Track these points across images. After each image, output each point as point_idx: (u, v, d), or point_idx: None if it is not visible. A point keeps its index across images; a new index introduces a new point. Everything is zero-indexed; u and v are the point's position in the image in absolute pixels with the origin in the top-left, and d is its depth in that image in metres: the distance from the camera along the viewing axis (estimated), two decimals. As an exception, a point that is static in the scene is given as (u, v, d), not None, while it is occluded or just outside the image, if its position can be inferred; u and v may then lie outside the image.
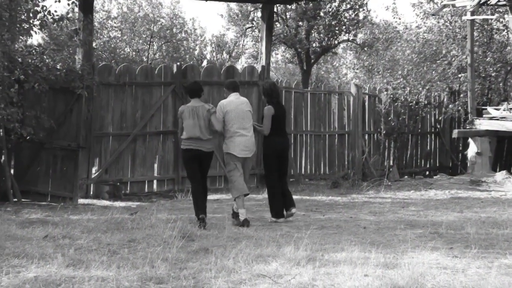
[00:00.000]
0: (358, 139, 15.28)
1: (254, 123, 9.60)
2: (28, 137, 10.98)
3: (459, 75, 16.93)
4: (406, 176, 15.98)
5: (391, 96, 16.06)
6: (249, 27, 30.12)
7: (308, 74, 29.47)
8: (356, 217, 9.40)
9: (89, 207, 10.41)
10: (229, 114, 9.07)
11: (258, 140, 11.83)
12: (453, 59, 17.29)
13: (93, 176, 12.20)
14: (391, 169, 15.59)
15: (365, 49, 28.48)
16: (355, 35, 29.69)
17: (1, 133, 10.84)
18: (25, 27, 10.76)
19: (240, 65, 33.34)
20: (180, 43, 33.49)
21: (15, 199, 10.99)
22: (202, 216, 8.47)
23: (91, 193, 12.21)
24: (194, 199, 8.85)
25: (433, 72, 17.46)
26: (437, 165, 17.03)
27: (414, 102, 16.25)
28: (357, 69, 29.68)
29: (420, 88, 16.54)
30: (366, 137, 15.83)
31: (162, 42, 32.93)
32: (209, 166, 9.17)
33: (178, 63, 13.87)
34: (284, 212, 9.27)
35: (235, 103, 9.17)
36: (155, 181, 12.97)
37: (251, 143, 9.21)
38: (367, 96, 15.98)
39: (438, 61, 17.78)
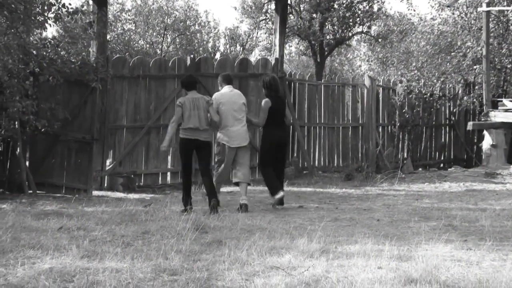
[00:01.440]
0: (372, 132, 15.23)
1: (249, 116, 10.06)
2: (43, 130, 11.04)
3: (474, 67, 16.80)
4: (420, 169, 15.91)
5: (406, 88, 15.98)
6: (262, 20, 30.05)
7: (321, 66, 29.37)
8: (369, 210, 9.38)
9: (103, 199, 10.46)
10: (223, 106, 9.59)
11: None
12: (468, 50, 17.16)
13: (107, 168, 12.26)
14: (405, 162, 15.53)
15: (379, 41, 28.34)
16: (369, 27, 29.51)
17: (17, 125, 10.91)
18: (40, 20, 10.79)
19: (254, 57, 33.32)
20: (193, 35, 33.52)
21: (30, 191, 11.06)
22: (191, 207, 9.07)
23: (105, 185, 12.27)
24: (184, 190, 9.34)
25: (448, 64, 17.34)
26: (452, 157, 16.95)
27: (428, 94, 16.16)
28: (371, 61, 29.55)
29: (435, 80, 16.44)
30: (380, 129, 15.78)
31: (176, 35, 32.97)
32: (208, 156, 9.60)
33: (192, 56, 13.88)
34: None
35: (228, 95, 9.70)
36: (168, 173, 13.01)
37: (243, 133, 9.71)
38: (381, 88, 15.91)
39: (453, 53, 17.65)
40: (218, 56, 32.58)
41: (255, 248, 6.12)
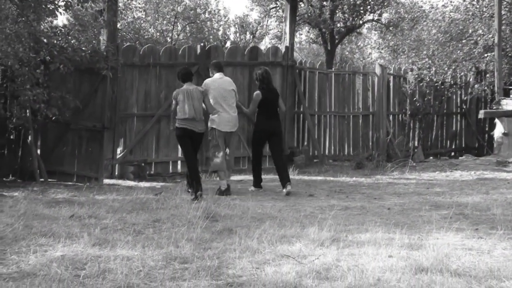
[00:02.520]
0: (383, 120, 15.18)
1: (240, 104, 10.68)
2: (54, 118, 11.08)
3: (486, 55, 16.69)
4: (431, 157, 15.86)
5: (417, 76, 15.90)
6: (273, 8, 29.95)
7: (332, 54, 29.26)
8: (380, 198, 9.37)
9: (114, 187, 10.50)
10: (213, 92, 10.02)
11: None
12: (480, 38, 17.03)
13: (118, 156, 12.29)
14: (416, 150, 15.48)
15: (390, 29, 28.18)
16: (380, 15, 29.35)
17: (28, 114, 10.95)
18: (50, 8, 10.79)
19: (264, 45, 33.22)
20: (203, 23, 33.45)
21: (42, 179, 11.11)
22: (200, 193, 9.15)
23: (116, 173, 12.31)
24: (192, 176, 9.55)
25: (459, 52, 17.23)
26: (463, 146, 16.87)
27: (439, 82, 16.07)
28: (382, 49, 29.39)
29: (446, 68, 16.35)
30: (391, 117, 15.73)
31: (186, 23, 32.91)
32: (199, 144, 10.05)
33: (202, 44, 13.85)
34: (284, 190, 10.01)
35: (218, 82, 10.16)
36: (179, 162, 13.02)
37: (234, 119, 10.16)
38: (392, 77, 15.84)
39: (464, 41, 17.54)
40: (228, 44, 32.51)
41: (265, 237, 6.13)
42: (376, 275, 4.89)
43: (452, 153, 16.70)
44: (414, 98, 15.77)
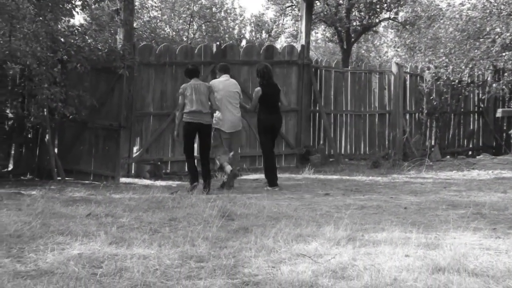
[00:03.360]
0: (399, 119, 15.12)
1: (243, 104, 10.96)
2: (71, 117, 11.16)
3: (504, 53, 16.53)
4: (448, 156, 15.76)
5: (433, 75, 15.80)
6: (288, 6, 29.86)
7: (348, 53, 29.13)
8: (396, 197, 9.32)
9: (130, 186, 10.54)
10: (219, 93, 10.38)
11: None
12: (497, 36, 16.88)
13: (134, 155, 12.35)
14: (432, 149, 15.40)
15: (407, 27, 28.01)
16: (396, 13, 29.15)
17: (45, 113, 11.03)
18: (68, 8, 10.88)
19: (280, 44, 33.16)
20: (219, 22, 33.45)
21: (59, 178, 11.19)
22: (196, 184, 9.93)
23: (133, 172, 12.37)
24: (190, 171, 10.21)
25: (476, 50, 17.08)
26: (480, 145, 16.76)
27: (456, 81, 15.97)
28: (398, 47, 29.23)
29: (463, 67, 16.24)
30: (407, 116, 15.66)
31: (202, 22, 32.94)
32: (209, 137, 10.27)
33: (218, 43, 13.88)
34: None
35: (224, 83, 10.51)
36: (195, 161, 13.03)
37: (238, 120, 10.59)
38: (408, 75, 15.77)
39: (481, 39, 17.39)
40: (244, 43, 32.51)
41: (281, 236, 6.12)
42: (392, 274, 4.86)
43: (470, 152, 16.59)
44: (431, 97, 15.68)
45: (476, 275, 4.88)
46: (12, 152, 11.62)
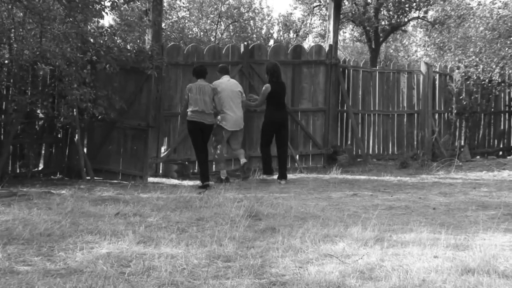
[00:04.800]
0: (428, 119, 14.98)
1: (247, 102, 11.65)
2: (100, 117, 11.25)
3: (535, 52, 16.30)
4: (478, 157, 15.57)
5: (463, 74, 15.63)
6: (316, 6, 29.78)
7: (376, 52, 28.97)
8: (425, 198, 9.24)
9: (158, 186, 10.60)
10: (222, 93, 11.06)
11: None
12: (529, 35, 16.65)
13: (162, 155, 12.41)
14: (462, 149, 15.22)
15: (436, 26, 27.75)
16: (425, 12, 28.91)
17: (75, 113, 11.14)
18: (97, 8, 10.96)
19: (307, 44, 33.10)
20: (247, 22, 33.48)
21: (88, 177, 11.29)
22: (207, 183, 10.54)
23: (160, 172, 12.43)
24: (201, 168, 10.84)
25: (507, 49, 16.86)
26: (511, 145, 16.51)
27: (487, 80, 15.76)
28: (428, 47, 28.98)
29: (494, 66, 16.02)
30: (436, 116, 15.51)
31: (230, 22, 33.00)
32: (209, 136, 11.04)
33: (245, 43, 13.88)
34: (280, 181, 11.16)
35: (225, 84, 11.18)
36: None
37: (240, 119, 11.23)
38: (437, 75, 15.62)
39: (512, 38, 17.17)
40: (271, 43, 32.50)
41: (308, 236, 6.11)
42: (421, 275, 4.82)
43: (500, 153, 16.35)
44: (461, 97, 15.51)
45: (506, 277, 4.82)
46: (43, 152, 11.76)
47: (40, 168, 11.68)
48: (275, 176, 11.42)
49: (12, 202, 7.87)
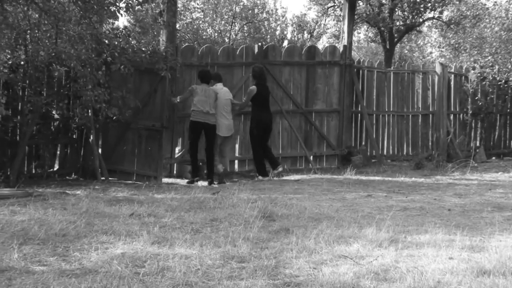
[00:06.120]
0: (443, 119, 14.90)
1: (234, 101, 11.98)
2: (114, 118, 11.29)
3: (551, 52, 16.16)
4: (493, 158, 15.48)
5: (479, 75, 15.53)
6: (331, 6, 29.73)
7: (391, 53, 28.88)
8: (440, 199, 9.19)
9: (172, 186, 10.62)
10: (217, 100, 11.51)
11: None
12: (545, 35, 16.51)
13: (176, 155, 12.44)
14: (477, 150, 15.13)
15: (451, 26, 27.60)
16: (441, 13, 28.77)
17: (90, 114, 11.20)
18: (112, 10, 11.00)
19: (322, 45, 33.04)
20: (261, 23, 33.49)
21: (103, 178, 11.34)
22: (198, 179, 11.40)
23: (175, 172, 12.46)
24: (192, 164, 11.56)
25: (524, 50, 16.74)
26: (527, 146, 16.40)
27: (503, 80, 15.66)
28: (443, 47, 28.82)
29: (510, 66, 15.91)
30: (451, 117, 15.43)
31: (244, 23, 33.02)
32: (213, 137, 11.42)
33: (260, 44, 13.88)
34: (271, 171, 11.90)
35: (219, 91, 11.58)
36: (236, 161, 13.09)
37: (231, 125, 11.76)
38: (453, 75, 15.54)
39: (528, 38, 17.03)
40: (285, 43, 32.48)
41: (322, 237, 6.09)
42: (436, 277, 4.80)
43: (516, 153, 16.25)
44: (476, 97, 15.42)
45: (523, 279, 4.78)
46: (58, 152, 11.83)
47: (55, 169, 11.75)
48: (267, 177, 11.84)
49: (28, 202, 7.92)
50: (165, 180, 11.73)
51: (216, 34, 32.66)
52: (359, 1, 26.45)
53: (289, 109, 13.54)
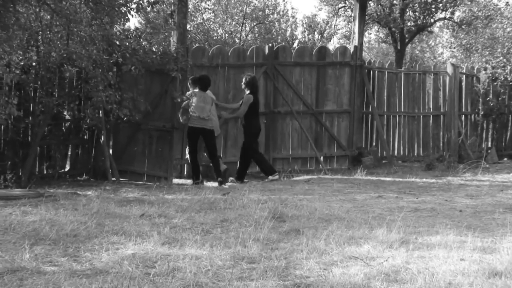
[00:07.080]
0: (454, 120, 14.84)
1: (224, 104, 12.34)
2: (125, 118, 11.33)
3: None
4: (505, 159, 15.39)
5: (490, 75, 15.46)
6: (341, 7, 29.69)
7: (402, 54, 28.78)
8: (451, 200, 9.15)
9: (183, 187, 10.64)
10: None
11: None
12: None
13: (186, 156, 12.45)
14: (489, 151, 15.06)
15: (463, 27, 27.49)
16: (452, 13, 28.64)
17: (101, 114, 11.23)
18: (123, 11, 11.03)
19: (332, 45, 33.01)
20: (272, 24, 33.50)
21: (114, 178, 11.37)
22: (202, 180, 11.50)
23: (185, 173, 12.48)
24: (193, 168, 11.51)
25: (536, 50, 16.65)
26: (540, 147, 16.29)
27: (515, 81, 15.58)
28: (454, 48, 28.71)
29: (522, 67, 15.83)
30: (463, 118, 15.36)
31: (254, 24, 33.04)
32: (212, 141, 11.45)
33: (270, 45, 13.89)
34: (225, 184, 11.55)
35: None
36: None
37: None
38: (464, 76, 15.47)
39: (540, 38, 16.94)
40: (296, 44, 32.47)
41: (333, 238, 6.08)
42: (447, 278, 4.78)
43: (528, 155, 16.15)
44: (488, 98, 15.35)
45: (535, 281, 4.75)
46: (69, 153, 11.88)
47: (66, 169, 11.79)
48: (276, 176, 11.90)
49: (39, 203, 7.95)
50: (175, 180, 11.75)
51: (226, 35, 32.69)
52: (370, 2, 26.39)
53: (299, 110, 13.54)
